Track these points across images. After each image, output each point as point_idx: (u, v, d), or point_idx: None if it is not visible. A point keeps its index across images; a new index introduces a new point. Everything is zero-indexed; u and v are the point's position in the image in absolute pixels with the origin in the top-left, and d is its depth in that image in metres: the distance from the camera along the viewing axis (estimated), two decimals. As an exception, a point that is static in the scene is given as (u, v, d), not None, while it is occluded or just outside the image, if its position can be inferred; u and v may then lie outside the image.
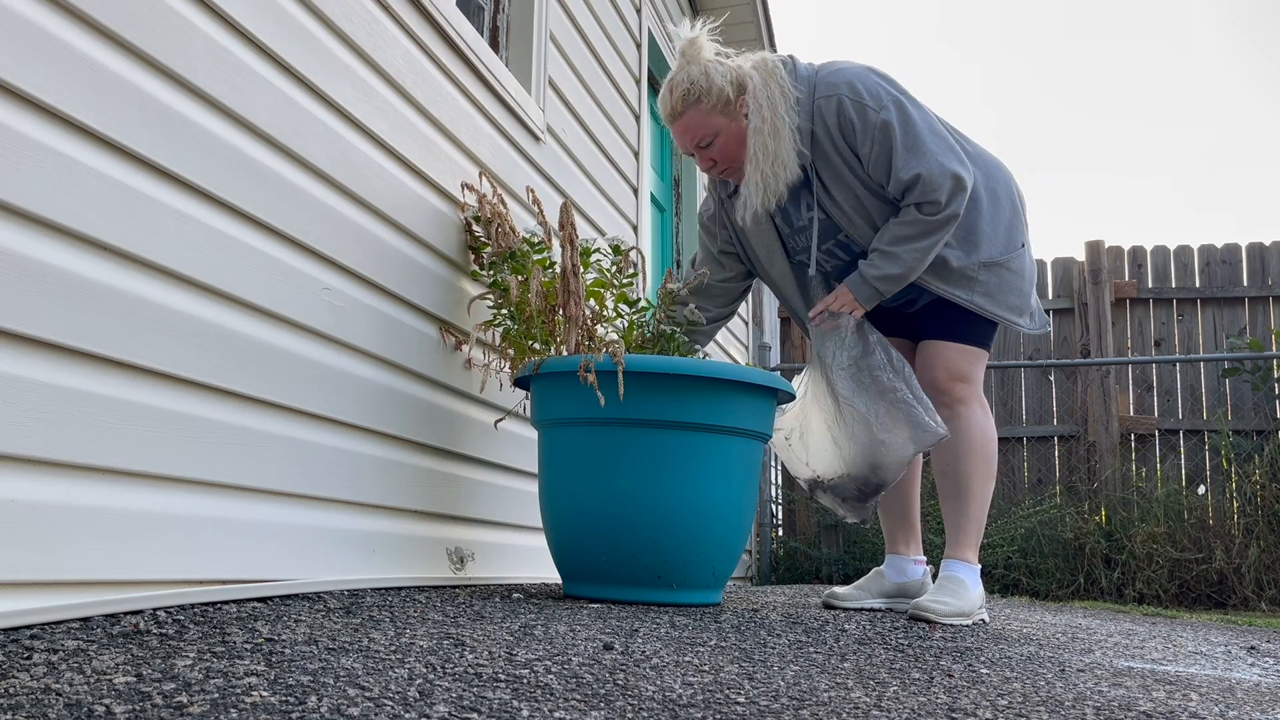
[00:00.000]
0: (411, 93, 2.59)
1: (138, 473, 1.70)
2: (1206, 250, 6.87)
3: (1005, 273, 2.70)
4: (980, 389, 2.79)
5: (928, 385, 2.74)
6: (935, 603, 2.56)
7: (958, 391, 2.73)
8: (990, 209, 2.70)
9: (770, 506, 6.71)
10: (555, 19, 3.68)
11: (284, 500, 2.08)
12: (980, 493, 2.72)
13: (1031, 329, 2.81)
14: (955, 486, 2.72)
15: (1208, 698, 1.75)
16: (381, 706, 1.18)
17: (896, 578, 2.90)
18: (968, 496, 2.71)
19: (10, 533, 1.47)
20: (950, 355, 2.75)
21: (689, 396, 2.45)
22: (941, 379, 2.74)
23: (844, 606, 2.87)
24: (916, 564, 2.91)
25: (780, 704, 1.39)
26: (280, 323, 2.08)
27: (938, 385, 2.74)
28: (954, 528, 2.72)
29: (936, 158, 2.55)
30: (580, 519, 2.51)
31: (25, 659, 1.29)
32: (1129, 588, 5.76)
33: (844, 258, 2.77)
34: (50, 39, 1.55)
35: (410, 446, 2.55)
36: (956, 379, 2.73)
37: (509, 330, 2.77)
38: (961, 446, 2.71)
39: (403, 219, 2.54)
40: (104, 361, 1.64)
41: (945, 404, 2.72)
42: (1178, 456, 6.47)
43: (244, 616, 1.73)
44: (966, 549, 2.70)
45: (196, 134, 1.85)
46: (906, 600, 2.85)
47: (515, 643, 1.69)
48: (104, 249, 1.64)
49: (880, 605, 2.87)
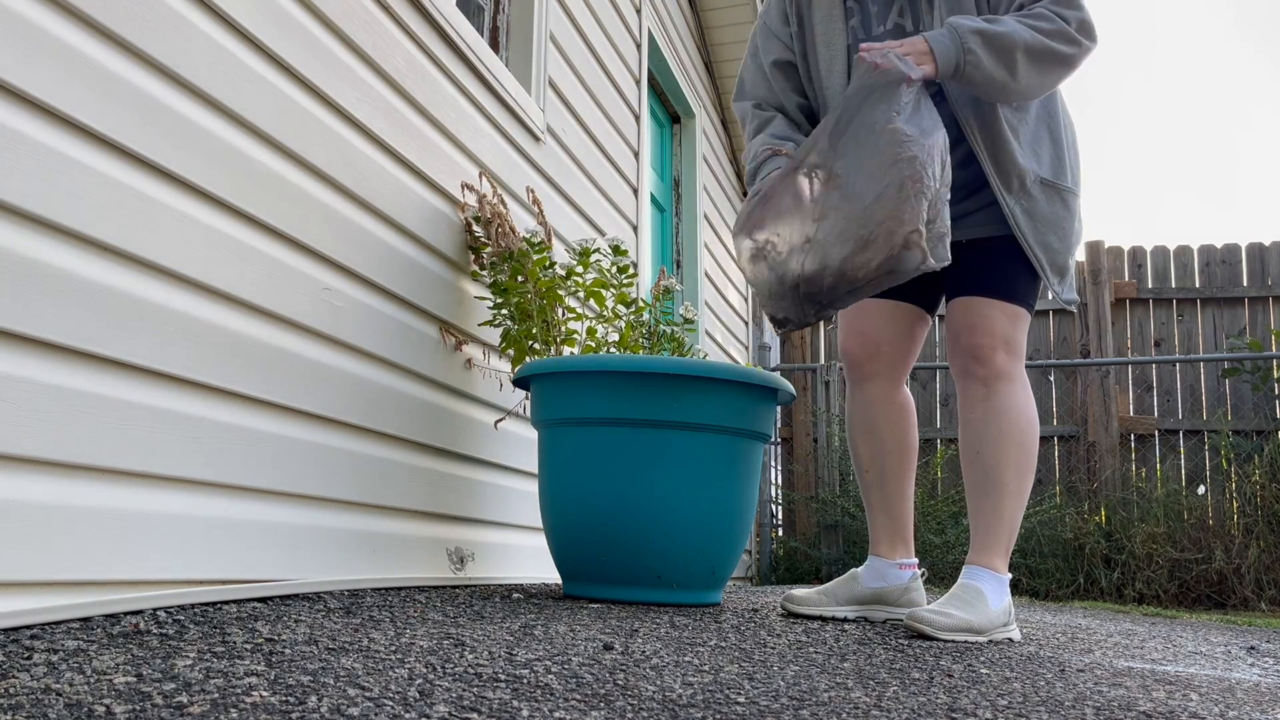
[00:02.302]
0: (411, 93, 2.59)
1: (138, 473, 1.70)
2: (1206, 250, 6.87)
3: (1059, 206, 2.33)
4: (1023, 363, 2.37)
5: (965, 352, 2.33)
6: (935, 614, 2.16)
7: (999, 363, 2.30)
8: (1065, 134, 2.38)
9: (770, 506, 6.71)
10: (555, 19, 3.68)
11: (284, 500, 2.08)
12: (1016, 487, 2.31)
13: (1061, 292, 2.38)
14: (986, 478, 2.31)
15: (1208, 698, 1.75)
16: (381, 706, 1.18)
17: (873, 582, 2.46)
18: (1000, 491, 2.30)
19: (10, 533, 1.47)
20: (995, 316, 2.31)
21: (689, 396, 2.44)
22: (984, 346, 2.29)
23: (801, 613, 2.45)
24: (901, 568, 2.47)
25: (780, 704, 1.40)
26: (280, 323, 2.08)
27: (979, 353, 2.30)
28: (982, 527, 2.31)
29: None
30: (580, 519, 2.51)
31: (25, 659, 1.29)
32: (1129, 588, 5.76)
33: None
34: (50, 39, 1.55)
35: (410, 446, 2.55)
36: (1001, 346, 2.30)
37: (509, 330, 2.77)
38: (997, 432, 2.29)
39: (403, 219, 2.54)
40: (104, 361, 1.64)
41: (982, 379, 2.31)
42: (1178, 457, 6.47)
43: (244, 616, 1.73)
44: (994, 554, 2.29)
45: (196, 134, 1.85)
46: (884, 608, 2.46)
47: (515, 643, 1.69)
48: (104, 249, 1.65)
49: (849, 614, 2.45)
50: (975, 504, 2.34)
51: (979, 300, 2.33)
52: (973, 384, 2.33)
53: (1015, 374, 2.33)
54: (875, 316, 2.48)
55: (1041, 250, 2.33)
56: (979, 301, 2.33)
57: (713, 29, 6.13)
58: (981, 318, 2.32)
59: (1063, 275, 2.38)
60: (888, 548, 2.49)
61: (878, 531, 2.51)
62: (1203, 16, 34.01)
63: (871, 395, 2.49)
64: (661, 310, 3.01)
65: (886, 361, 2.48)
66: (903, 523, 2.51)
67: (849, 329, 2.51)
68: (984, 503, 2.32)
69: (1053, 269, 2.35)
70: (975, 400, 2.33)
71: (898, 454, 2.49)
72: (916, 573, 2.50)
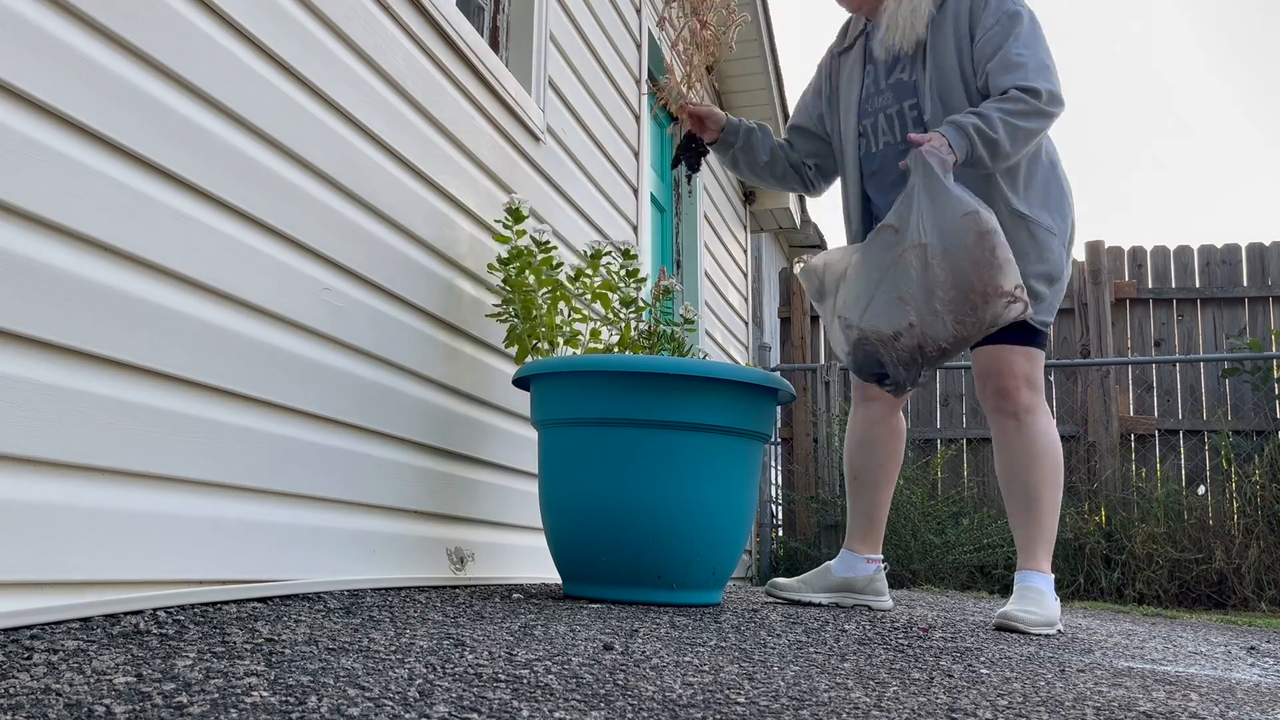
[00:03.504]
0: (411, 93, 2.59)
1: (138, 473, 1.70)
2: (1206, 250, 6.87)
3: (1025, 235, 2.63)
4: (1044, 394, 2.75)
5: (995, 394, 2.68)
6: (1024, 612, 2.53)
7: (1026, 399, 2.67)
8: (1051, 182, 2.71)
9: (770, 506, 6.71)
10: (555, 19, 3.68)
11: (284, 500, 2.08)
12: (1050, 500, 2.67)
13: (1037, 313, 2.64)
14: (1025, 498, 2.67)
15: (1208, 698, 1.75)
16: (381, 706, 1.18)
17: (843, 572, 2.87)
18: (1038, 508, 2.66)
19: (10, 533, 1.47)
20: (1016, 360, 2.68)
21: (689, 397, 2.44)
22: (1011, 387, 2.66)
23: (783, 597, 2.89)
24: (869, 562, 2.87)
25: (780, 704, 1.39)
26: (280, 323, 2.08)
27: (1008, 394, 2.67)
28: (1027, 539, 2.67)
29: (1045, 62, 2.60)
30: (580, 519, 2.51)
31: (25, 659, 1.29)
32: (1129, 588, 5.76)
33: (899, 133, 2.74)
34: (50, 39, 1.55)
35: (410, 446, 2.55)
36: (1024, 385, 2.67)
37: (514, 328, 2.77)
38: (1029, 458, 2.66)
39: (403, 219, 2.54)
40: (104, 361, 1.64)
41: (1011, 413, 2.67)
42: (1178, 457, 6.47)
43: (244, 616, 1.73)
44: (1041, 559, 2.66)
45: (196, 134, 1.85)
46: (852, 595, 2.85)
47: (515, 643, 1.69)
48: (104, 249, 1.64)
49: (823, 600, 2.86)
50: (1019, 519, 2.69)
51: (1002, 347, 2.67)
52: (1005, 419, 2.69)
53: (1039, 406, 2.70)
54: None
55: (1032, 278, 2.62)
56: (1002, 349, 2.67)
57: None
58: (1006, 363, 2.68)
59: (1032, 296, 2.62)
60: (860, 543, 2.90)
61: (854, 529, 2.93)
62: (1202, 16, 34.04)
63: (873, 414, 2.88)
64: (661, 310, 3.01)
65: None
66: (877, 525, 2.92)
67: None
68: (1027, 518, 2.67)
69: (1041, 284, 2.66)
70: (1009, 432, 2.69)
71: (885, 468, 2.90)
72: (880, 567, 2.91)
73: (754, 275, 7.41)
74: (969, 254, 2.41)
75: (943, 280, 2.43)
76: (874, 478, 2.88)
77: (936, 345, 2.47)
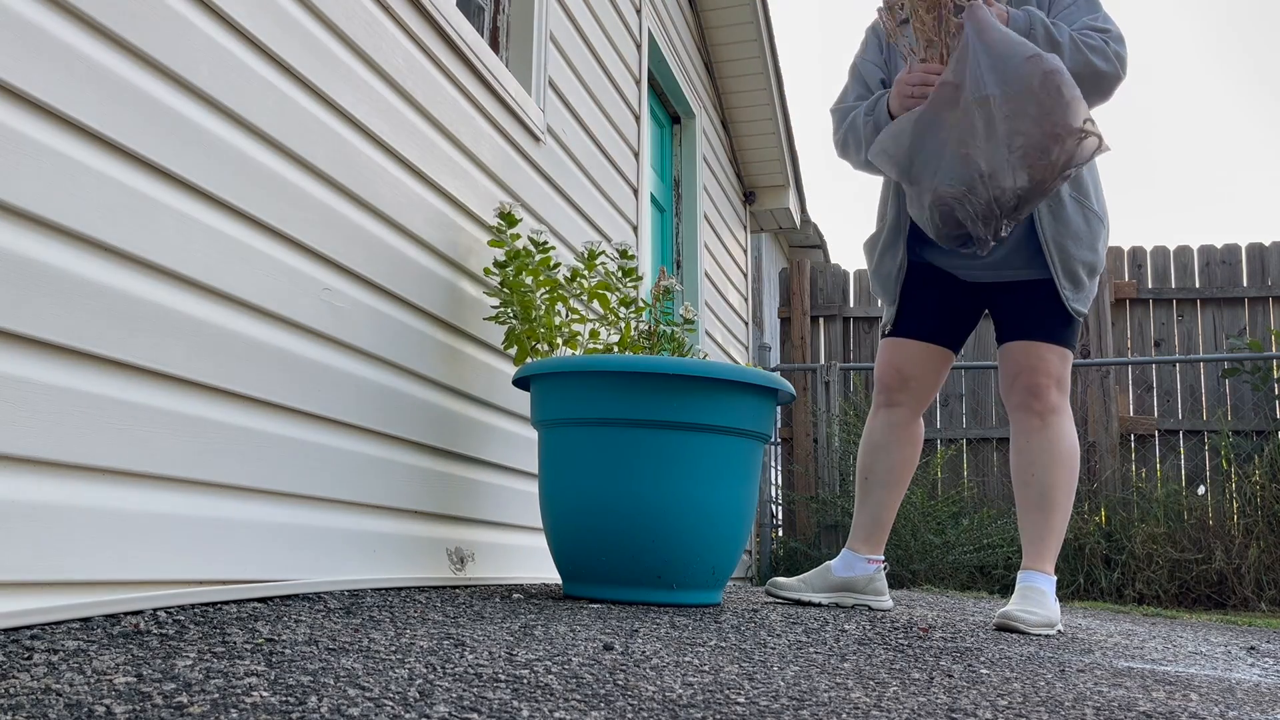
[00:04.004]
0: (411, 93, 2.59)
1: (138, 473, 1.70)
2: (1206, 250, 6.87)
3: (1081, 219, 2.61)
4: (1069, 396, 2.71)
5: (1025, 390, 2.65)
6: (1025, 612, 2.53)
7: (1054, 400, 2.64)
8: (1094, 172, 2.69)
9: (770, 506, 6.71)
10: (555, 19, 3.68)
11: (284, 500, 2.08)
12: (1064, 503, 2.66)
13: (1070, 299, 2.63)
14: (1040, 498, 2.65)
15: (1208, 698, 1.75)
16: (381, 707, 1.18)
17: (843, 572, 2.84)
18: (1051, 509, 2.65)
19: (10, 533, 1.47)
20: (1049, 358, 2.65)
21: (689, 397, 2.45)
22: (1042, 385, 2.64)
23: (783, 596, 2.87)
24: (869, 563, 2.85)
25: (780, 704, 1.40)
26: (280, 323, 2.08)
27: (1037, 391, 2.64)
28: (1036, 539, 2.66)
29: (1123, 37, 2.57)
30: (580, 519, 2.51)
31: (25, 659, 1.29)
32: (1129, 588, 5.76)
33: None
34: (50, 39, 1.55)
35: (410, 446, 2.55)
36: (1054, 385, 2.64)
37: (513, 329, 2.77)
38: (1050, 458, 2.64)
39: (403, 219, 2.54)
40: (104, 361, 1.64)
41: (1038, 412, 2.64)
42: (1177, 457, 6.47)
43: (244, 616, 1.73)
44: (1047, 561, 2.66)
45: (197, 134, 1.85)
46: (852, 595, 2.83)
47: (515, 643, 1.69)
48: (104, 249, 1.64)
49: (822, 600, 2.83)
50: (1029, 519, 2.68)
51: (1035, 344, 2.66)
52: (1029, 416, 2.66)
53: (1064, 408, 2.68)
54: (911, 355, 2.83)
55: (1057, 250, 2.60)
56: (1035, 345, 2.66)
57: (713, 29, 6.13)
58: (1039, 359, 2.65)
59: (1075, 282, 2.62)
60: (862, 544, 2.87)
61: (859, 529, 2.88)
62: (1203, 17, 34.06)
63: (894, 419, 2.85)
64: (661, 310, 3.01)
65: (913, 394, 2.84)
66: (882, 528, 2.89)
67: (887, 362, 2.86)
68: (1038, 518, 2.66)
69: (1064, 272, 2.61)
70: (1031, 430, 2.66)
71: (898, 471, 2.87)
72: (880, 567, 2.89)
73: (754, 275, 7.41)
74: (1035, 97, 2.35)
75: (1011, 128, 2.37)
76: (885, 481, 2.86)
77: (1013, 194, 2.41)
